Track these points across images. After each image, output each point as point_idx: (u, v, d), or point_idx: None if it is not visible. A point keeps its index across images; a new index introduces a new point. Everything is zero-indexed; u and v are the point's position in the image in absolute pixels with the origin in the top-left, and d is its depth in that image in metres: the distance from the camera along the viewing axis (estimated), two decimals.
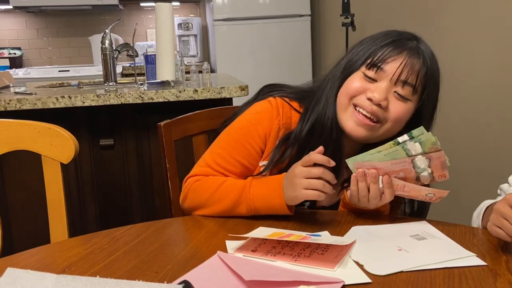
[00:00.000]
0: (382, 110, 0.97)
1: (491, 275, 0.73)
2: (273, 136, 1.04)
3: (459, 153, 2.33)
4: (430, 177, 0.92)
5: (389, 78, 0.97)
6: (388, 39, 1.00)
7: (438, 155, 0.90)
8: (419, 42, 1.02)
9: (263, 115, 1.05)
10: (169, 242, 0.93)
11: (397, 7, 2.82)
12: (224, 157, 1.05)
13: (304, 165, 0.93)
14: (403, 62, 0.97)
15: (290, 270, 0.76)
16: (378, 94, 0.96)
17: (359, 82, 0.99)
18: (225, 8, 3.66)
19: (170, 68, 1.94)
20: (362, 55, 1.01)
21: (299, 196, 0.93)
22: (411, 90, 0.98)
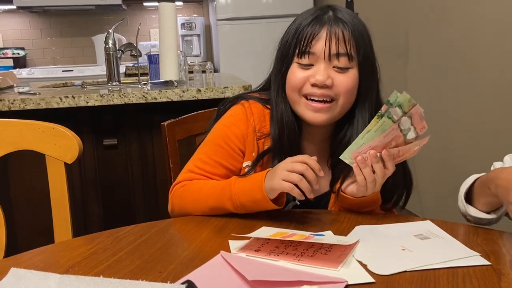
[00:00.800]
0: (330, 88, 0.99)
1: (495, 274, 0.72)
2: (250, 136, 1.07)
3: (462, 153, 2.32)
4: (415, 133, 0.93)
5: (322, 57, 0.99)
6: (307, 20, 1.01)
7: (416, 109, 0.91)
8: (335, 11, 1.02)
9: (237, 117, 1.08)
10: (172, 242, 0.93)
11: (401, 5, 2.82)
12: (205, 161, 1.07)
13: (293, 161, 0.94)
14: (327, 37, 0.98)
15: (293, 270, 0.76)
16: (319, 76, 0.98)
17: (298, 73, 1.01)
18: (228, 7, 3.66)
19: (173, 68, 1.95)
20: (288, 47, 1.02)
21: (274, 185, 0.93)
22: (347, 58, 0.99)
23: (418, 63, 2.69)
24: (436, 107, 2.54)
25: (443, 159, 2.48)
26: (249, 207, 0.98)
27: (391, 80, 3.05)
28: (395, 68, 2.90)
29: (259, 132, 1.06)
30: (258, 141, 1.06)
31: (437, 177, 2.54)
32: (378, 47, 3.31)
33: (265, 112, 1.08)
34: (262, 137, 1.06)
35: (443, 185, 2.49)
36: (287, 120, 1.04)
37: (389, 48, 2.96)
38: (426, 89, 2.63)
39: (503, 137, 2.05)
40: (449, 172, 2.42)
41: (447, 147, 2.44)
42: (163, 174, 1.91)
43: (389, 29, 2.96)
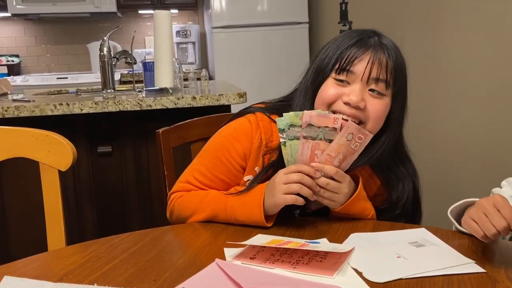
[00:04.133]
0: (361, 111, 0.98)
1: (490, 282, 0.72)
2: (254, 152, 1.04)
3: (456, 160, 2.33)
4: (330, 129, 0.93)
5: (360, 78, 0.98)
6: (351, 41, 1.00)
7: (307, 116, 0.92)
8: (380, 37, 1.02)
9: (240, 132, 1.05)
10: (167, 249, 0.92)
11: (394, 14, 2.84)
12: (203, 173, 1.06)
13: (286, 173, 0.94)
14: (370, 60, 0.97)
15: (289, 278, 0.76)
16: (354, 96, 0.97)
17: (332, 89, 0.99)
18: (223, 15, 3.67)
19: (168, 75, 1.95)
20: (328, 61, 1.01)
21: (277, 201, 0.94)
22: (384, 85, 0.98)
23: (413, 70, 2.70)
24: (431, 114, 2.55)
25: (437, 166, 2.49)
26: (241, 219, 0.99)
27: None
28: None
29: (266, 147, 1.03)
30: (264, 156, 1.03)
31: (431, 185, 2.54)
32: None
33: (272, 125, 1.04)
34: (269, 152, 1.03)
35: (437, 193, 2.49)
36: None
37: None
38: (421, 96, 2.65)
39: (498, 144, 2.06)
40: (443, 179, 2.43)
41: (441, 154, 2.45)
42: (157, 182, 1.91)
43: None
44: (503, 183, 1.02)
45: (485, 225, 0.77)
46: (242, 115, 1.08)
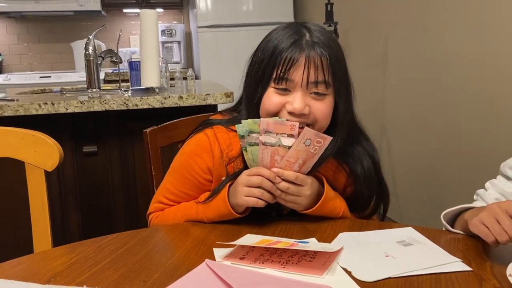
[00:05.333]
0: (307, 115, 0.98)
1: (477, 280, 0.74)
2: (217, 164, 1.04)
3: (440, 160, 2.36)
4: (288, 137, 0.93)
5: (299, 85, 0.97)
6: (282, 44, 0.98)
7: (264, 123, 0.93)
8: (311, 33, 0.99)
9: (200, 147, 1.06)
10: (156, 250, 0.92)
11: (380, 14, 2.86)
12: (172, 192, 1.09)
13: (248, 175, 0.96)
14: (305, 65, 0.96)
15: (279, 278, 0.76)
16: (297, 104, 0.96)
17: (275, 99, 0.99)
18: (209, 15, 3.67)
19: (154, 75, 1.94)
20: (264, 70, 0.99)
21: (240, 202, 0.97)
22: (324, 86, 0.98)
23: (397, 71, 2.74)
24: (414, 115, 2.58)
25: (421, 166, 2.52)
26: (213, 219, 1.01)
27: (370, 88, 3.10)
28: (374, 77, 2.94)
29: (227, 157, 1.04)
30: (228, 166, 1.04)
31: (416, 184, 2.57)
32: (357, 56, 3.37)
33: (231, 135, 1.05)
34: (232, 161, 1.04)
35: (422, 192, 2.53)
36: None
37: (368, 57, 3.00)
38: (405, 97, 2.68)
39: (482, 144, 2.10)
40: (428, 179, 2.47)
41: (425, 154, 2.48)
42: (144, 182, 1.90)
43: (368, 38, 3.01)
44: (487, 185, 1.03)
45: (497, 230, 0.77)
46: (200, 130, 1.08)
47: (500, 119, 1.97)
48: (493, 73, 2.01)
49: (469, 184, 2.10)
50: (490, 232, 0.78)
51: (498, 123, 1.99)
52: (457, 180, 2.24)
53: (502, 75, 1.96)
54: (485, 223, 0.79)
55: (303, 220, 1.01)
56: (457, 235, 0.92)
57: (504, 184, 0.99)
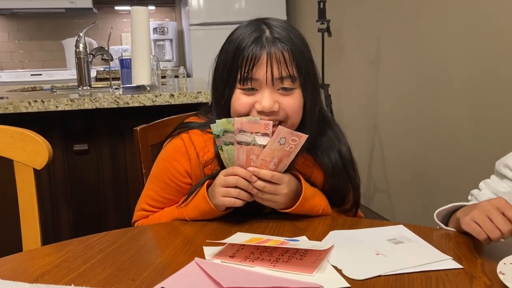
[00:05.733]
0: (277, 112, 0.97)
1: (467, 278, 0.74)
2: (195, 167, 1.04)
3: (433, 158, 2.37)
4: (263, 135, 0.93)
5: (265, 83, 0.97)
6: (243, 43, 0.97)
7: (238, 122, 0.92)
8: (270, 27, 0.99)
9: (176, 152, 1.05)
10: (146, 248, 0.91)
11: (372, 12, 2.87)
12: (154, 198, 1.09)
13: (225, 175, 0.96)
14: (267, 63, 0.95)
15: (269, 276, 0.76)
16: (266, 103, 0.96)
17: (243, 100, 0.98)
18: (201, 12, 3.65)
19: (146, 73, 1.93)
20: (229, 71, 0.99)
21: (218, 203, 0.97)
22: (290, 80, 0.97)
23: (389, 69, 2.74)
24: (407, 113, 2.59)
25: (414, 164, 2.53)
26: (195, 217, 1.01)
27: (363, 86, 3.10)
28: (366, 75, 2.94)
29: (203, 160, 1.04)
30: (205, 169, 1.04)
31: (408, 182, 2.58)
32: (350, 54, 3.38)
33: (206, 138, 1.04)
34: (208, 163, 1.04)
35: (414, 190, 2.53)
36: None
37: (360, 55, 3.00)
38: (397, 94, 2.68)
39: (474, 143, 2.11)
40: (421, 177, 2.47)
41: (418, 153, 2.49)
42: (135, 180, 1.89)
43: (360, 36, 3.01)
44: (481, 185, 1.03)
45: (489, 228, 0.77)
46: (175, 135, 1.07)
47: (492, 118, 1.98)
48: (485, 72, 2.02)
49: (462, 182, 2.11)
50: (482, 230, 0.78)
51: (490, 121, 1.99)
52: (449, 178, 2.25)
53: (494, 74, 1.97)
54: (477, 221, 0.79)
55: (293, 218, 1.01)
56: (448, 232, 0.92)
57: (498, 183, 0.99)
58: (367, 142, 2.87)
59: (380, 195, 2.77)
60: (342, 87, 3.17)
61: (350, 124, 2.86)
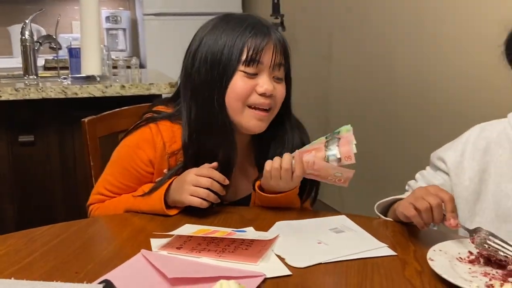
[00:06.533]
0: (271, 97, 1.01)
1: (400, 264, 0.78)
2: (159, 157, 1.04)
3: (381, 151, 2.46)
4: (338, 154, 0.96)
5: (267, 67, 1.00)
6: (251, 29, 1.00)
7: (347, 134, 0.97)
8: (260, 18, 1.04)
9: (142, 139, 1.05)
10: (92, 241, 0.90)
11: (325, 8, 2.92)
12: (113, 184, 1.08)
13: (197, 175, 0.97)
14: (274, 47, 1.00)
15: (213, 266, 0.78)
16: (268, 85, 0.99)
17: (245, 83, 1.00)
18: (156, 2, 3.59)
19: (96, 62, 1.88)
20: (230, 54, 0.99)
21: (184, 201, 0.98)
22: (283, 69, 1.03)
23: (341, 65, 2.81)
24: (357, 109, 2.66)
25: (363, 157, 2.61)
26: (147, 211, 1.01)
27: (316, 81, 3.16)
28: (319, 70, 3.00)
29: (169, 150, 1.04)
30: (170, 159, 1.04)
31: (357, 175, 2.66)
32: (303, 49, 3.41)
33: (175, 128, 1.04)
34: (174, 154, 1.04)
35: (363, 182, 2.62)
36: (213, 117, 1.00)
37: (313, 50, 3.06)
38: (348, 89, 2.75)
39: (417, 137, 2.20)
40: (368, 169, 2.56)
41: (366, 146, 2.57)
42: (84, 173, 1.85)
43: (313, 31, 3.06)
44: (417, 176, 1.09)
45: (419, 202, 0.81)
46: (144, 125, 1.06)
47: (434, 114, 2.08)
48: (429, 69, 2.10)
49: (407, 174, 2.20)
50: (416, 212, 0.82)
51: (432, 117, 2.09)
52: (396, 170, 2.34)
53: (438, 72, 2.05)
54: (410, 201, 0.83)
55: (241, 210, 1.03)
56: (386, 222, 0.97)
57: (432, 176, 1.05)
58: (318, 135, 2.93)
59: (330, 187, 2.85)
60: (296, 81, 3.21)
61: (303, 118, 2.90)
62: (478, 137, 0.99)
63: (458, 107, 1.93)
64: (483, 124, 1.01)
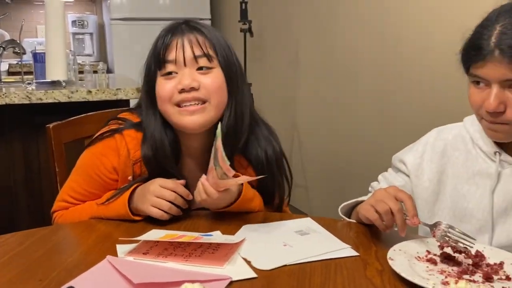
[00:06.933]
0: (198, 90, 1.00)
1: (362, 264, 0.80)
2: (123, 164, 1.04)
3: (346, 155, 2.50)
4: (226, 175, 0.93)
5: (181, 63, 1.00)
6: (160, 34, 1.04)
7: (219, 145, 0.92)
8: (188, 22, 1.05)
9: (106, 147, 1.05)
10: (56, 248, 0.89)
11: (292, 15, 2.96)
12: (77, 191, 1.07)
13: (162, 186, 0.98)
14: (178, 43, 1.00)
15: (179, 270, 0.78)
16: (185, 80, 0.99)
17: (165, 84, 1.01)
18: (123, 7, 3.56)
19: (61, 67, 1.86)
20: (150, 63, 1.04)
21: (145, 210, 0.98)
22: (207, 59, 1.01)
23: (307, 70, 2.85)
24: (324, 113, 2.71)
25: (329, 161, 2.65)
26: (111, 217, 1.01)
27: (283, 86, 3.19)
28: (286, 75, 3.04)
29: (134, 157, 1.04)
30: (134, 166, 1.04)
31: (324, 178, 2.70)
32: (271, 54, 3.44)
33: (139, 136, 1.05)
34: (138, 161, 1.04)
35: (330, 185, 2.66)
36: (161, 137, 1.02)
37: (281, 55, 3.09)
38: (314, 94, 2.80)
39: (380, 140, 2.25)
40: (335, 173, 2.60)
41: (332, 150, 2.62)
42: (49, 179, 1.82)
43: (281, 37, 3.10)
44: (380, 178, 1.12)
45: (379, 205, 0.83)
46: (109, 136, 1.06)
47: (396, 117, 2.13)
48: (390, 73, 2.16)
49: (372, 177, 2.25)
50: (377, 215, 0.84)
51: (394, 121, 2.14)
52: (360, 173, 2.39)
53: (399, 77, 2.11)
54: (371, 203, 0.85)
55: (208, 214, 1.04)
56: (350, 224, 0.99)
57: (393, 177, 1.08)
58: (286, 140, 2.97)
59: (298, 190, 2.88)
60: (264, 86, 3.24)
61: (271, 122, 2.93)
62: (436, 139, 1.03)
63: (418, 110, 1.99)
64: (441, 128, 1.05)
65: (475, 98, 0.88)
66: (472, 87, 0.89)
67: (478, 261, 0.78)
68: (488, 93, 0.85)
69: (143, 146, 1.03)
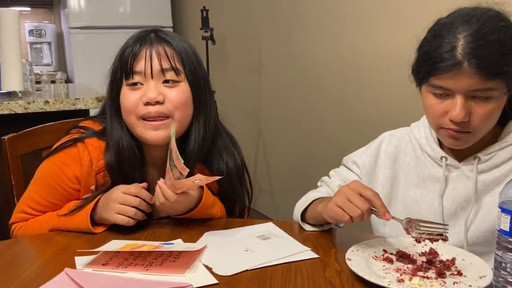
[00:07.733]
0: (163, 104, 0.98)
1: (322, 265, 0.82)
2: (85, 173, 1.03)
3: (310, 159, 2.54)
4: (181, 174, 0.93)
5: (149, 75, 0.98)
6: (128, 44, 1.01)
7: (173, 144, 0.93)
8: (157, 32, 1.03)
9: (68, 156, 1.03)
10: (12, 262, 0.87)
11: (253, 22, 2.99)
12: (37, 201, 1.05)
13: (125, 193, 0.97)
14: (147, 55, 0.99)
15: (139, 280, 0.77)
16: (150, 93, 0.97)
17: (130, 95, 0.99)
18: (82, 15, 3.51)
19: (17, 78, 1.82)
20: (115, 71, 1.02)
21: (110, 219, 0.97)
22: (174, 72, 0.99)
23: (270, 76, 2.88)
24: (287, 118, 2.74)
25: (294, 166, 2.68)
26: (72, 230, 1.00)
27: (247, 93, 3.21)
28: (249, 82, 3.06)
29: (97, 166, 1.03)
30: (97, 175, 1.03)
31: (289, 182, 2.73)
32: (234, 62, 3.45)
33: (102, 145, 1.04)
34: (101, 170, 1.03)
35: (295, 190, 2.69)
36: (126, 145, 1.01)
37: (244, 62, 3.11)
38: (278, 101, 2.83)
39: (340, 143, 2.30)
40: (300, 177, 2.63)
41: (297, 154, 2.65)
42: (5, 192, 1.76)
43: (243, 44, 3.12)
44: (331, 173, 1.13)
45: (349, 208, 0.82)
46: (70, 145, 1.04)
47: (358, 121, 2.18)
48: (349, 78, 2.21)
49: None
50: (344, 212, 0.82)
51: (356, 124, 2.19)
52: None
53: (356, 81, 2.17)
54: (339, 204, 0.83)
55: (170, 222, 1.03)
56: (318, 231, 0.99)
57: (346, 173, 1.09)
58: (252, 146, 2.98)
59: (264, 196, 2.89)
60: (227, 93, 3.25)
61: (236, 129, 2.91)
62: (388, 145, 1.04)
63: (375, 114, 2.05)
64: (392, 132, 1.06)
65: (436, 108, 0.87)
66: (430, 97, 0.87)
67: (432, 258, 0.81)
68: (450, 103, 0.84)
69: (106, 153, 1.02)
